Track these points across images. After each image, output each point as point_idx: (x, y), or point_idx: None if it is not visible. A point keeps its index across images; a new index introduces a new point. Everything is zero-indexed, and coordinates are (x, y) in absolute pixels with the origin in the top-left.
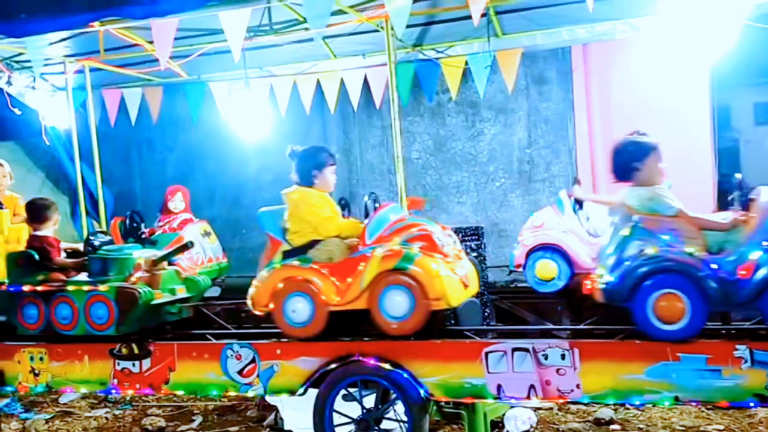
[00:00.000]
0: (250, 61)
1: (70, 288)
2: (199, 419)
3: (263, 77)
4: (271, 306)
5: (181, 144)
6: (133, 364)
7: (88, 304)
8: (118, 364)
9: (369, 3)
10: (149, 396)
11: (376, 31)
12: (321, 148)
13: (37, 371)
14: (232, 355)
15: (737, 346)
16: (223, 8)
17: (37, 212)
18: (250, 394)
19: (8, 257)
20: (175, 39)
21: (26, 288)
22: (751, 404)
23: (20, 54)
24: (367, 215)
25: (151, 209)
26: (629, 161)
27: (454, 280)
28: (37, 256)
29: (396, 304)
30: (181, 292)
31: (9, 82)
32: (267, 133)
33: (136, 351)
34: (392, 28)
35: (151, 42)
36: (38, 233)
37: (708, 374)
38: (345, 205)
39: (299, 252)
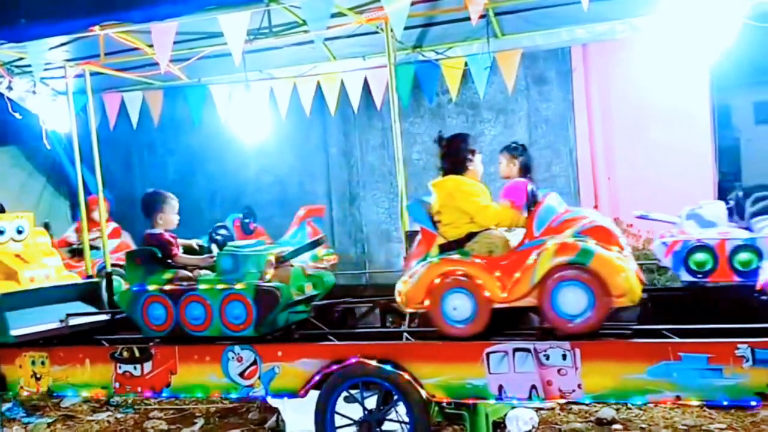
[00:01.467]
0: (250, 63)
1: (202, 287)
2: (200, 422)
3: (263, 80)
4: (427, 303)
5: (181, 147)
6: (135, 368)
7: (224, 304)
8: (120, 367)
9: (368, 5)
10: (151, 399)
11: (376, 32)
12: (468, 134)
13: (38, 375)
14: (233, 358)
15: (738, 345)
16: (223, 11)
17: (147, 209)
18: (251, 396)
19: (127, 256)
20: (175, 42)
21: (152, 287)
22: (753, 403)
23: (21, 59)
24: (529, 206)
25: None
26: None
27: (634, 275)
28: (159, 254)
29: (572, 302)
30: (309, 290)
31: (10, 87)
32: (267, 136)
33: (137, 354)
34: (392, 30)
35: (151, 45)
36: (153, 231)
37: (709, 373)
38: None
39: (457, 245)
